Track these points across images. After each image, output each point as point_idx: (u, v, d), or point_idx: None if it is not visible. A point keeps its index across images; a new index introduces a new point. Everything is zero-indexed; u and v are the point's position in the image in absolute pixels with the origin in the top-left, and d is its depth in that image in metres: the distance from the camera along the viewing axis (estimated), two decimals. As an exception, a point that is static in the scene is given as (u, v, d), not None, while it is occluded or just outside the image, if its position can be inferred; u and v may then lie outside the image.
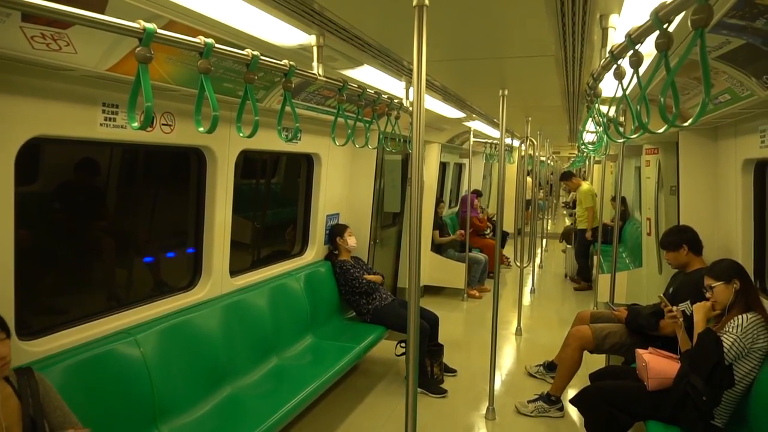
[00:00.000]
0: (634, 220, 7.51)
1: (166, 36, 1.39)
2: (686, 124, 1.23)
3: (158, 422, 2.47)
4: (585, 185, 7.47)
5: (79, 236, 2.83)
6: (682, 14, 1.14)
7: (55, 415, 1.84)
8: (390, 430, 3.43)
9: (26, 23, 1.53)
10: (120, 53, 1.86)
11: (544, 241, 9.96)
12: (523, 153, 6.28)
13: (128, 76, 1.96)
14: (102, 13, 1.48)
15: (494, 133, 7.32)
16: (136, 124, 1.37)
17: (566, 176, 8.28)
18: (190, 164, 3.07)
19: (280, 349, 3.50)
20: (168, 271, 3.28)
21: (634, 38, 1.36)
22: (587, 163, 11.27)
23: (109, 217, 3.05)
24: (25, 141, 1.97)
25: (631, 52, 1.40)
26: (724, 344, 2.40)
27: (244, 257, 3.83)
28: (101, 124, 2.24)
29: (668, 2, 1.12)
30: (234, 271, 3.35)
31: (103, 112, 2.24)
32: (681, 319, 2.79)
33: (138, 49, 1.31)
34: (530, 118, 5.11)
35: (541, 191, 10.93)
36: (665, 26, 1.16)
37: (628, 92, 1.55)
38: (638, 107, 1.33)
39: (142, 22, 1.31)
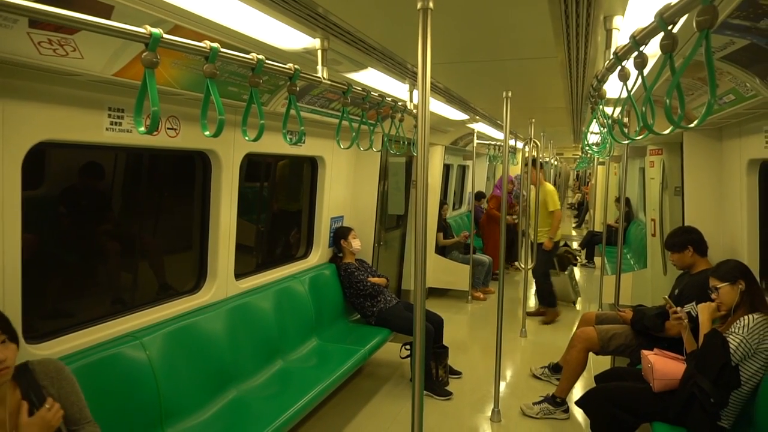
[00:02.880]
0: (638, 221, 7.48)
1: (172, 41, 1.40)
2: (692, 125, 1.22)
3: (164, 425, 2.48)
4: (549, 185, 6.09)
5: (84, 240, 2.84)
6: (686, 15, 1.14)
7: (72, 411, 1.80)
8: (395, 432, 3.43)
9: (33, 29, 1.54)
10: (126, 58, 1.87)
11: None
12: (526, 154, 6.26)
13: (134, 80, 1.98)
14: (108, 18, 1.50)
15: (498, 134, 7.31)
16: (142, 129, 1.38)
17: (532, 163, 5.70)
18: (194, 168, 3.08)
19: (285, 352, 3.50)
20: (173, 274, 3.29)
21: (639, 40, 1.36)
22: (591, 164, 11.25)
23: (114, 220, 3.07)
24: (31, 146, 1.97)
25: (636, 53, 1.40)
26: (731, 345, 2.39)
27: (248, 260, 3.84)
28: (107, 129, 2.25)
29: (673, 3, 1.12)
30: (239, 274, 3.36)
31: (109, 116, 2.25)
32: (686, 321, 2.78)
33: (144, 54, 1.31)
34: (534, 120, 5.10)
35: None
36: (670, 28, 1.16)
37: (632, 93, 1.55)
38: (643, 108, 1.32)
39: (149, 27, 1.31)
